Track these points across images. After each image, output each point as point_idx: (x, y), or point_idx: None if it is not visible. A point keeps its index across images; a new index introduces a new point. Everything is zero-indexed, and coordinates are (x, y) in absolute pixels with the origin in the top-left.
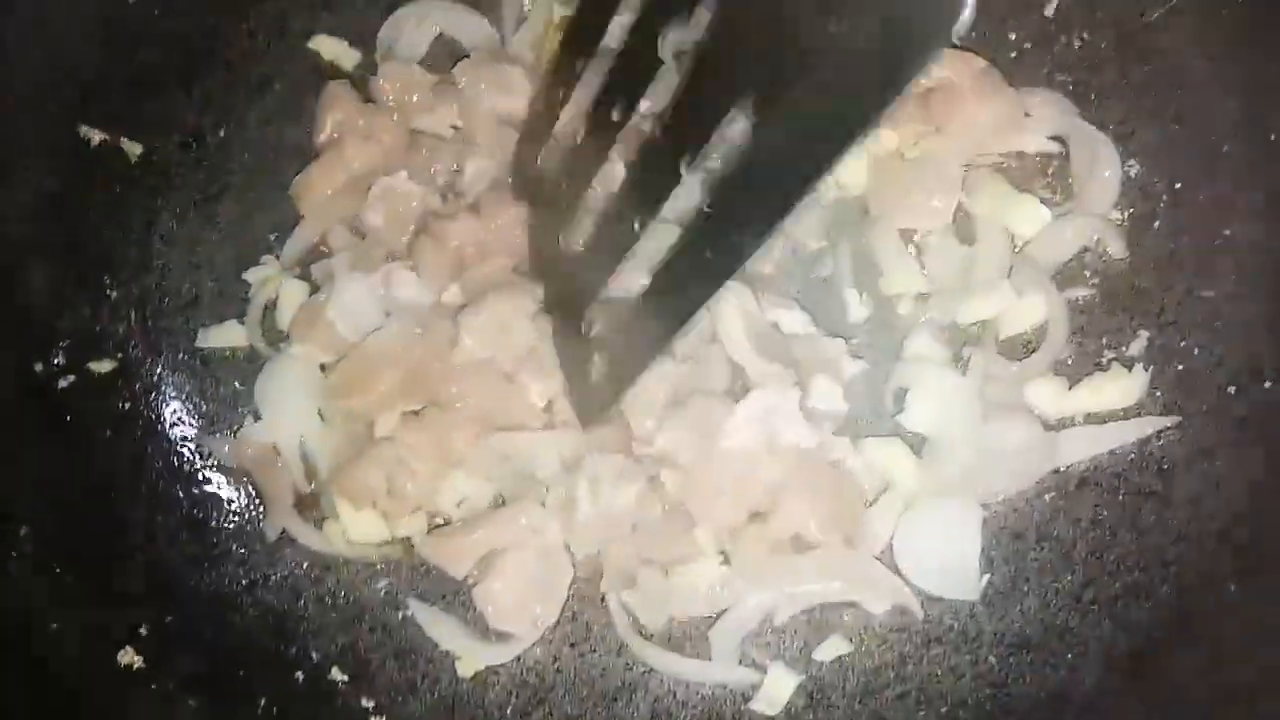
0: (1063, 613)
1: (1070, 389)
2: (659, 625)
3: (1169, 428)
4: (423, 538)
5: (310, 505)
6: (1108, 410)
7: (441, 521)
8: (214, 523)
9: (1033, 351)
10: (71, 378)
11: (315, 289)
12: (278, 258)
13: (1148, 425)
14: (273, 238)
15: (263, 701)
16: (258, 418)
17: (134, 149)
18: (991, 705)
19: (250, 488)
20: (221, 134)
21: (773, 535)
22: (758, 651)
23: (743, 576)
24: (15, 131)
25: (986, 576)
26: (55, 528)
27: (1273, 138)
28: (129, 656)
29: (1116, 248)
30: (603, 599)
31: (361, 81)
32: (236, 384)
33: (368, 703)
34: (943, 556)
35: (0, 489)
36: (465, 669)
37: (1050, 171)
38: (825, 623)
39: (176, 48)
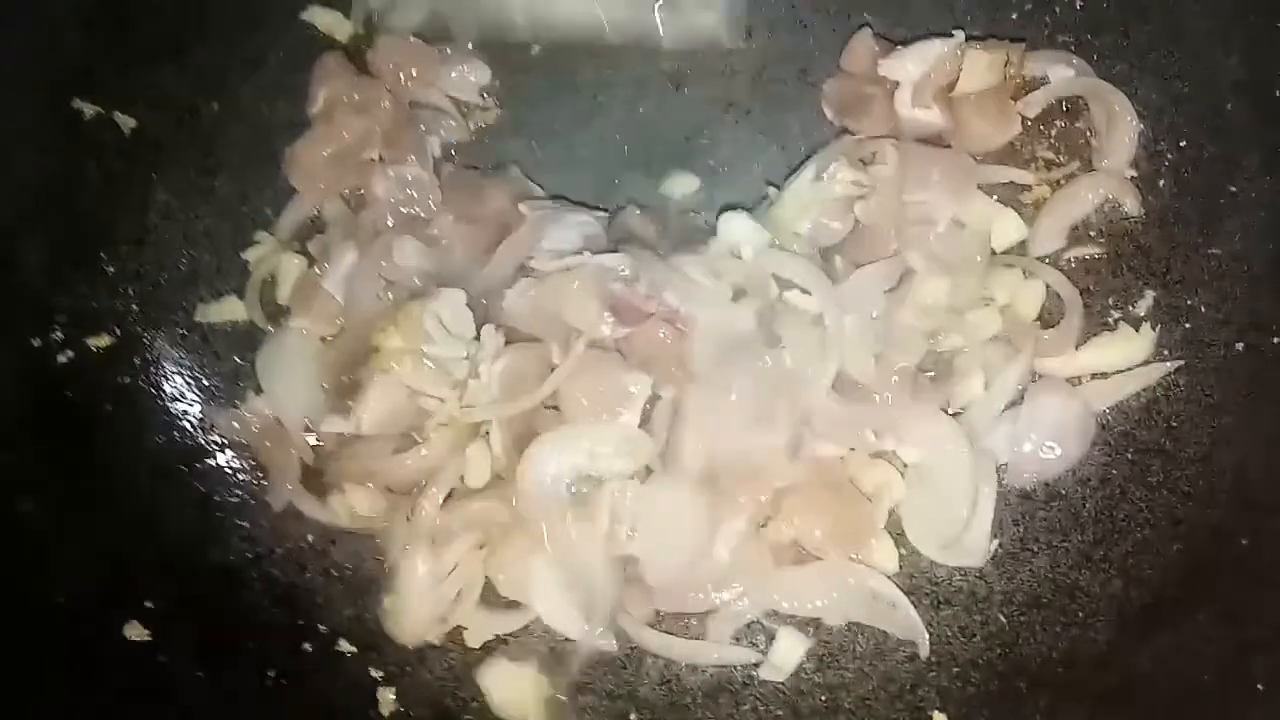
0: (1073, 571)
1: (1077, 349)
2: (647, 618)
3: (1177, 381)
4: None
5: (315, 478)
6: (1115, 370)
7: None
8: (219, 497)
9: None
10: (70, 353)
11: (313, 263)
12: (273, 234)
13: (1155, 372)
14: (269, 212)
15: (272, 673)
16: (260, 391)
17: (128, 123)
18: (1003, 665)
19: (254, 461)
20: (215, 108)
21: (774, 539)
22: (765, 618)
23: (745, 586)
24: (7, 107)
25: (996, 540)
26: (58, 502)
27: (1277, 94)
28: (136, 630)
29: (1132, 205)
30: None
31: (358, 54)
32: (237, 358)
33: (377, 673)
34: (952, 524)
35: (3, 463)
36: (474, 639)
37: (1053, 134)
38: None
39: (166, 21)
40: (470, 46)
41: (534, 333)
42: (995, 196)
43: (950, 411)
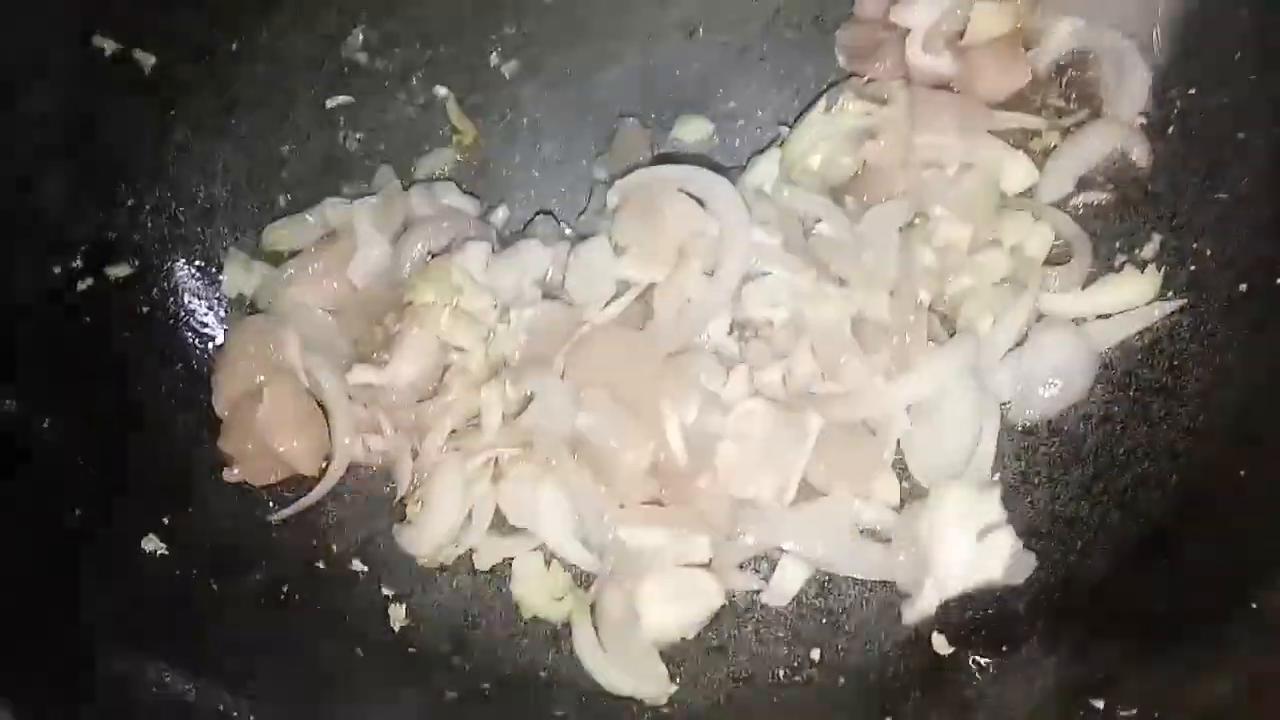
0: (1072, 504)
1: (1084, 289)
2: None
3: (1180, 321)
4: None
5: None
6: (1119, 311)
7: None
8: None
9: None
10: (90, 280)
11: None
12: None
13: (1156, 311)
14: (285, 150)
15: (285, 587)
16: None
17: (147, 60)
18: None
19: None
20: (233, 47)
21: None
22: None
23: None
24: (31, 42)
25: (997, 474)
26: (77, 422)
27: None
28: (153, 544)
29: (1140, 154)
30: None
31: None
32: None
33: (387, 590)
34: (955, 458)
35: (23, 385)
36: (483, 561)
37: (1064, 81)
38: None
39: None
40: None
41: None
42: (1005, 142)
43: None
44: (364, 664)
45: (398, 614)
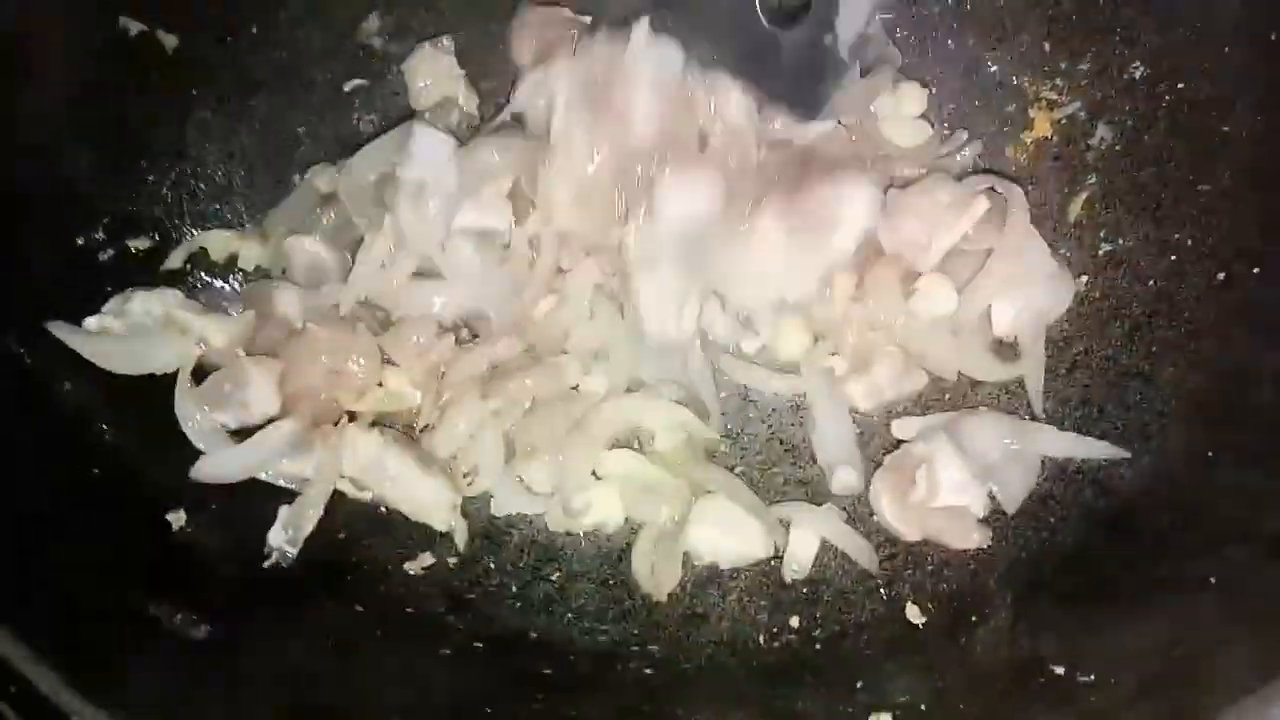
0: (1047, 482)
1: None
2: None
3: (1159, 308)
4: None
5: None
6: None
7: None
8: None
9: None
10: (111, 252)
11: None
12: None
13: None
14: (301, 130)
15: None
16: None
17: (170, 41)
18: (975, 564)
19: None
20: (253, 30)
21: None
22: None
23: None
24: (58, 20)
25: None
26: (100, 395)
27: (1273, 38)
28: (179, 519)
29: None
30: None
31: None
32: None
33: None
34: None
35: (43, 351)
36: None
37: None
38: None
39: None
40: None
41: None
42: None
43: None
44: (362, 620)
45: (398, 575)
